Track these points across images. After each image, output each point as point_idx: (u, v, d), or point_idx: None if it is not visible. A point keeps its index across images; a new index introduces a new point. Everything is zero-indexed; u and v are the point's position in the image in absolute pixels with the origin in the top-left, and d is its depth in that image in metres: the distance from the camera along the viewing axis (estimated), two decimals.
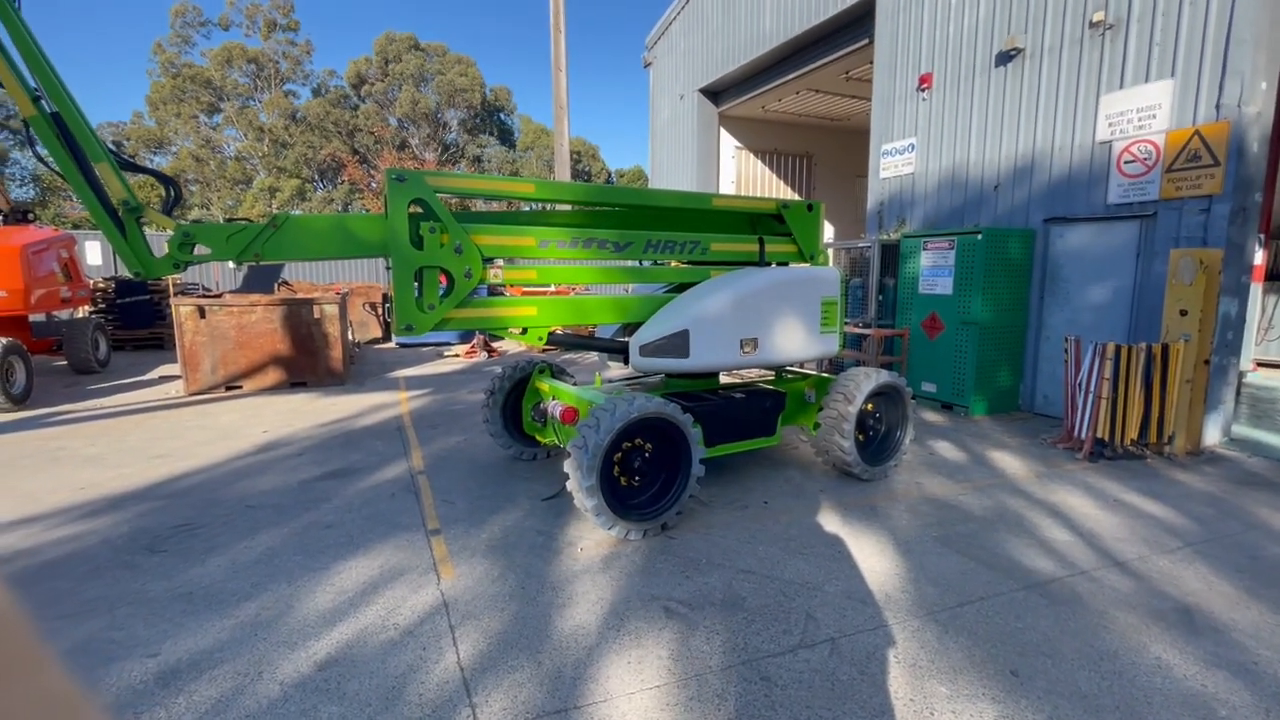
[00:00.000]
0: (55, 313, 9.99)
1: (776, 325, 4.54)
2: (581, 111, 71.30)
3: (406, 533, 3.96)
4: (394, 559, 3.61)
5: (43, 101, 3.50)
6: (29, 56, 3.48)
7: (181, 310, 8.09)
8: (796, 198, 15.15)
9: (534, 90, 67.59)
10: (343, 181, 39.82)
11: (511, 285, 4.32)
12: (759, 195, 14.57)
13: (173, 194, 3.97)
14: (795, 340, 4.64)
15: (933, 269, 7.31)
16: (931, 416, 7.07)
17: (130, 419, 7.01)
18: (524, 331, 4.19)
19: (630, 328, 4.59)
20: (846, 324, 8.20)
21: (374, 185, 24.11)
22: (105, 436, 6.26)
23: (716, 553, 3.67)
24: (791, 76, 11.00)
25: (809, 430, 5.03)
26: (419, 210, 3.79)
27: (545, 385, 4.98)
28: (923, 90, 8.18)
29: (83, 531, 3.99)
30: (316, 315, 8.48)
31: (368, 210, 36.37)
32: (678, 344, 4.24)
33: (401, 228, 3.69)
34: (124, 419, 7.02)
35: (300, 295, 9.31)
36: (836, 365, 8.79)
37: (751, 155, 14.43)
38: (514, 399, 5.32)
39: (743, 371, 5.48)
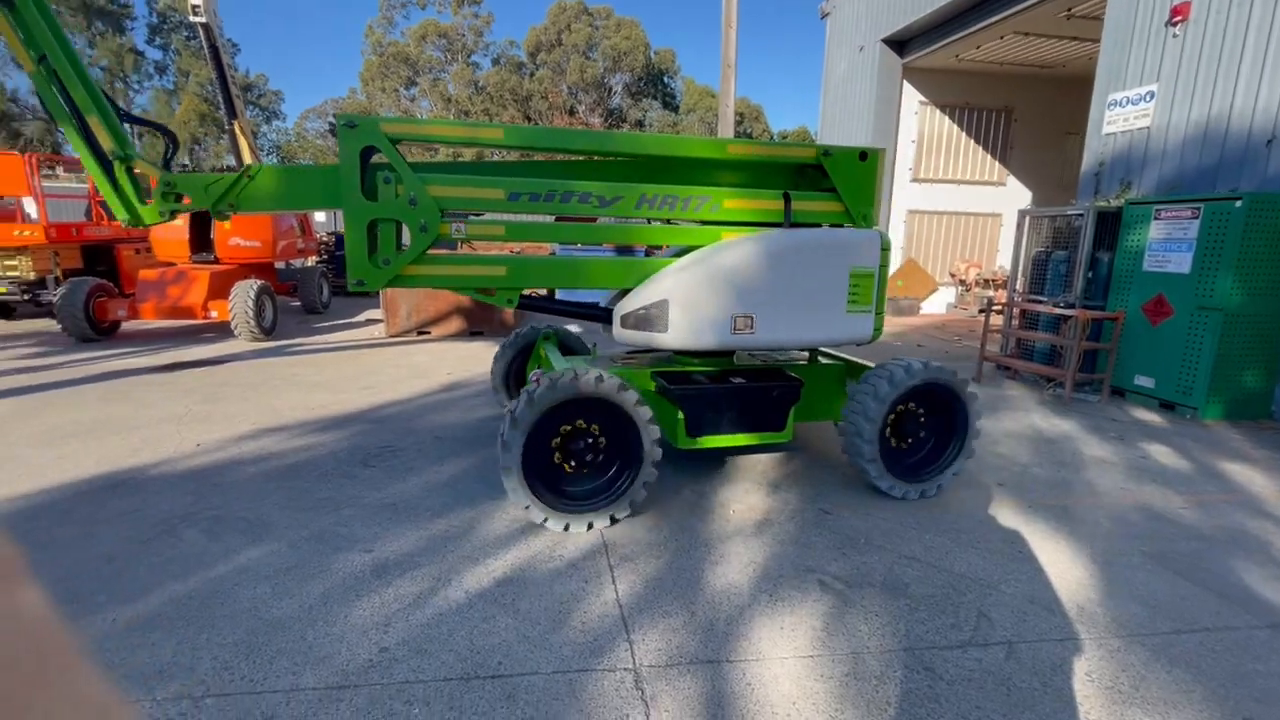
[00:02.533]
0: (291, 261, 11.89)
1: (782, 300, 3.75)
2: (746, 70, 68.97)
3: None
4: None
5: (46, 61, 3.67)
6: (31, 19, 3.60)
7: None
8: (989, 158, 13.52)
9: (698, 52, 66.54)
10: None
11: (475, 241, 3.86)
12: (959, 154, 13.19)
13: (170, 145, 4.09)
14: (808, 320, 3.84)
15: (1165, 242, 6.16)
16: (1145, 415, 6.06)
17: (345, 354, 8.22)
18: (494, 293, 3.88)
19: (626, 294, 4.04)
20: (1044, 303, 7.22)
21: None
22: (329, 367, 7.40)
23: (877, 534, 3.49)
24: (998, 18, 9.66)
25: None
26: (382, 160, 3.57)
27: (543, 352, 4.80)
28: (1174, 24, 6.77)
29: (314, 443, 4.78)
30: None
31: None
32: (656, 316, 3.69)
33: (352, 177, 3.47)
34: (341, 353, 8.24)
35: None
36: (1043, 353, 7.82)
37: (937, 111, 13.05)
38: (520, 364, 5.27)
39: (784, 352, 4.65)
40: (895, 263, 13.07)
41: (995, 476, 4.38)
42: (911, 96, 12.82)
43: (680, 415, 3.80)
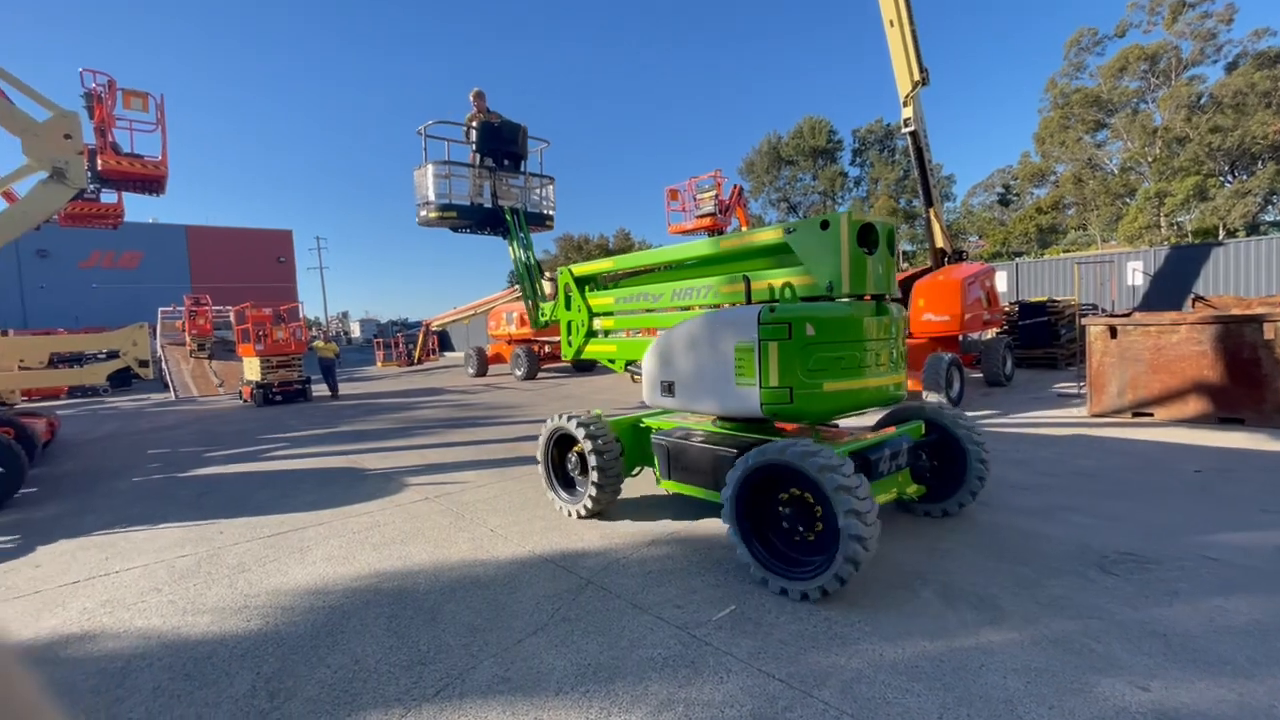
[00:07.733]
0: (977, 333, 12.04)
1: (692, 371, 4.37)
2: None
3: None
4: None
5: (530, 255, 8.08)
6: (524, 246, 7.98)
7: (1092, 330, 8.08)
8: None
9: None
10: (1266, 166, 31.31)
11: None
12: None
13: (544, 288, 7.47)
14: (709, 389, 4.25)
15: None
16: None
17: (1037, 432, 7.53)
18: (614, 362, 5.60)
19: None
20: None
21: None
22: (1025, 447, 6.92)
23: None
24: None
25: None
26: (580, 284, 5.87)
27: None
28: None
29: (1028, 529, 4.43)
30: (1269, 336, 6.67)
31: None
32: (641, 379, 4.84)
33: (560, 300, 5.90)
34: (1032, 432, 7.60)
35: (1236, 312, 7.59)
36: None
37: None
38: None
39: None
40: None
41: None
42: None
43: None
